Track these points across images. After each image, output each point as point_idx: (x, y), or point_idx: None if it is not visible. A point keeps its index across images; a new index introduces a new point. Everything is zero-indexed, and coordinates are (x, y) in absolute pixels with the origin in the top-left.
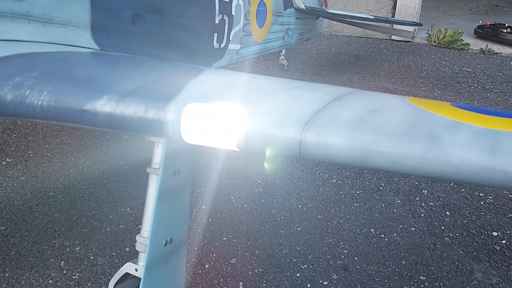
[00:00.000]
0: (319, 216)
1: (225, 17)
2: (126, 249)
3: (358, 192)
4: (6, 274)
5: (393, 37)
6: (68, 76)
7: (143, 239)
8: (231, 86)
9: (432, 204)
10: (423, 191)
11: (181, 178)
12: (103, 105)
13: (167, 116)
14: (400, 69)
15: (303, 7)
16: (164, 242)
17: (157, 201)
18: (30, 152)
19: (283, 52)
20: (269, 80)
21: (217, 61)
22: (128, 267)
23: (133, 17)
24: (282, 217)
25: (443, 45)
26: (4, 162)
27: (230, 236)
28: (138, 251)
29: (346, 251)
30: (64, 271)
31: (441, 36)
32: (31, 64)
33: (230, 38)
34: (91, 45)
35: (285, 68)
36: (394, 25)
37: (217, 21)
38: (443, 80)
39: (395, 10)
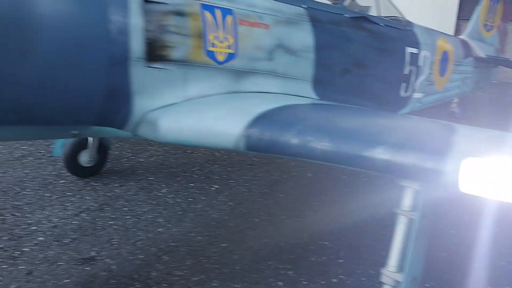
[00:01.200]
0: None
1: (413, 68)
2: (333, 280)
3: None
4: (237, 286)
5: None
6: (335, 125)
7: (390, 273)
8: (495, 143)
9: None
10: None
11: (426, 221)
12: (380, 153)
13: (445, 167)
14: None
15: (484, 56)
16: (412, 279)
17: (409, 242)
18: (231, 181)
19: (456, 100)
20: None
21: (401, 109)
22: None
23: (342, 71)
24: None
25: None
26: (213, 188)
27: (432, 283)
28: (383, 283)
29: None
30: None
31: None
32: (299, 114)
33: (415, 88)
34: (311, 95)
35: (457, 116)
36: None
37: (406, 72)
38: None
39: None
